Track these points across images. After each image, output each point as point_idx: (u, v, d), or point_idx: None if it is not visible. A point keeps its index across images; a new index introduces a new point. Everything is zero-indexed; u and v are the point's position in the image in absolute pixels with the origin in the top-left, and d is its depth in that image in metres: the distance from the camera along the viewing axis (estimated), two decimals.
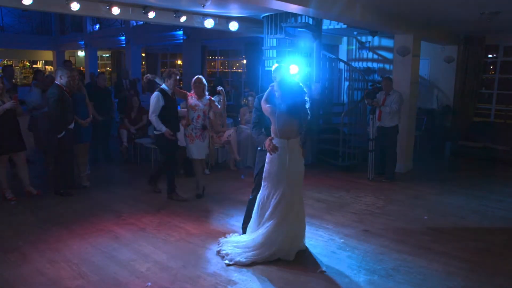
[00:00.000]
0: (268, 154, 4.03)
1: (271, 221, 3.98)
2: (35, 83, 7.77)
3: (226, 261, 3.93)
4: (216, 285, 3.58)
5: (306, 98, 4.02)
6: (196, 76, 5.86)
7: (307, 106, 4.03)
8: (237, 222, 4.97)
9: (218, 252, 4.10)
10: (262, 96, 4.17)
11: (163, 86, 5.65)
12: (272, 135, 4.01)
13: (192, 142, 5.84)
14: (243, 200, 5.75)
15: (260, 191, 4.14)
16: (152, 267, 3.86)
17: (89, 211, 5.32)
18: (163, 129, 5.55)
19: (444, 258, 4.16)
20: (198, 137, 5.82)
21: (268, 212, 4.02)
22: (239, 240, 4.20)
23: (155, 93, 5.54)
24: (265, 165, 4.07)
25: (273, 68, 4.31)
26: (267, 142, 3.98)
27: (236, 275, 3.75)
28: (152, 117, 5.53)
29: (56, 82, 5.71)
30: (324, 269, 3.87)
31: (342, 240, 4.56)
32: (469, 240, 4.65)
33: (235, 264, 3.89)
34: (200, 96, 5.79)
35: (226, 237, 4.40)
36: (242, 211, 5.31)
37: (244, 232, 4.47)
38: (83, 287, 3.52)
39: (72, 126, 5.85)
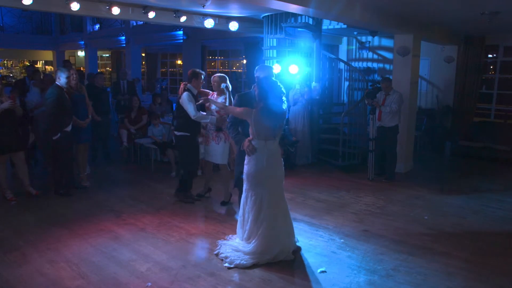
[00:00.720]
0: (246, 157, 3.99)
1: (263, 227, 3.92)
2: (34, 82, 7.78)
3: (226, 264, 3.87)
4: (216, 285, 3.58)
5: (283, 99, 3.97)
6: (214, 75, 5.68)
7: (285, 107, 3.98)
8: (237, 222, 4.96)
9: (217, 255, 4.05)
10: (243, 94, 4.16)
11: (189, 86, 5.44)
12: (251, 136, 3.96)
13: (208, 143, 5.67)
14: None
15: (243, 195, 4.10)
16: (152, 267, 3.86)
17: (89, 211, 5.32)
18: (213, 119, 5.40)
19: (444, 258, 4.15)
20: (214, 139, 5.63)
21: (251, 218, 3.96)
22: (237, 247, 4.08)
23: (185, 94, 5.30)
24: (245, 166, 4.02)
25: (256, 68, 4.25)
26: (245, 143, 3.94)
27: (236, 275, 3.75)
28: (198, 114, 5.29)
29: (56, 82, 5.68)
30: (324, 269, 3.87)
31: (342, 240, 4.55)
32: (469, 240, 4.65)
33: (236, 267, 3.84)
34: (219, 95, 5.60)
35: (226, 239, 4.34)
36: None
37: None
38: (83, 287, 3.52)
39: (69, 128, 5.76)
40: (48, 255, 4.06)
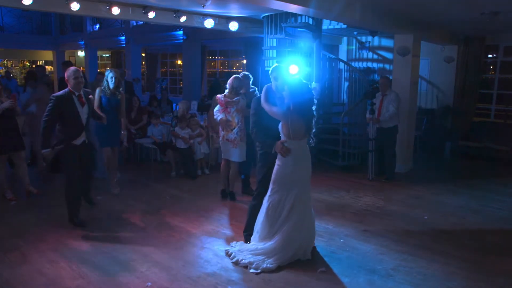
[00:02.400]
0: (278, 157, 3.95)
1: (288, 224, 3.90)
2: (32, 83, 7.80)
3: (252, 270, 3.78)
4: (216, 285, 3.58)
5: (314, 98, 3.97)
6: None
7: (314, 106, 3.99)
8: (237, 222, 4.97)
9: (236, 263, 3.91)
10: (259, 98, 4.10)
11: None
12: (284, 137, 3.92)
13: (236, 146, 5.57)
14: (243, 200, 5.76)
15: (268, 196, 4.01)
16: (152, 267, 3.86)
17: (89, 211, 5.31)
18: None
19: (444, 258, 4.15)
20: (242, 139, 5.58)
21: (282, 216, 3.93)
22: (256, 248, 4.01)
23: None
24: (276, 168, 3.97)
25: (271, 68, 4.18)
26: (278, 145, 3.90)
27: (236, 275, 3.75)
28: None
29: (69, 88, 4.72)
30: (324, 269, 3.87)
31: (342, 240, 4.55)
32: (469, 240, 4.65)
33: (263, 271, 3.76)
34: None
35: (233, 246, 4.23)
36: (243, 211, 5.31)
37: (246, 240, 4.30)
38: (83, 287, 3.52)
39: (79, 141, 4.75)
40: (48, 255, 4.06)
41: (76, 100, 4.72)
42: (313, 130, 4.03)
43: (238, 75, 5.65)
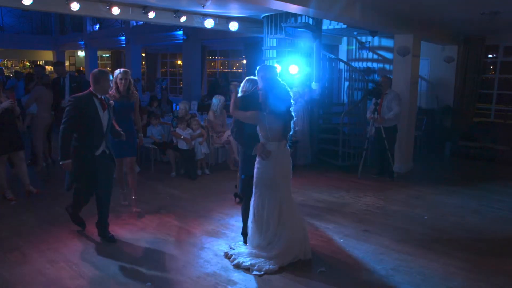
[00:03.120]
0: (258, 160, 3.90)
1: (285, 231, 3.88)
2: (31, 84, 7.83)
3: (255, 272, 3.74)
4: (216, 285, 3.58)
5: (291, 100, 3.93)
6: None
7: (292, 108, 3.96)
8: (237, 222, 4.96)
9: (238, 266, 3.86)
10: (247, 96, 4.02)
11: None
12: (262, 139, 3.88)
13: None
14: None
15: (253, 201, 3.97)
16: (152, 267, 3.86)
17: (89, 211, 5.28)
18: None
19: (444, 258, 4.15)
20: None
21: (271, 224, 3.89)
22: (254, 249, 3.99)
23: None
24: (256, 171, 3.92)
25: (257, 68, 4.11)
26: (259, 147, 3.86)
27: (236, 275, 3.75)
28: None
29: (91, 89, 4.20)
30: (323, 269, 3.87)
31: (342, 240, 4.55)
32: (469, 240, 4.65)
33: (266, 272, 3.74)
34: None
35: (232, 248, 4.20)
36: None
37: (244, 241, 4.29)
38: (83, 287, 3.52)
39: (99, 151, 4.24)
40: (48, 255, 4.06)
41: (98, 104, 4.15)
42: (291, 132, 3.99)
43: (251, 77, 5.50)
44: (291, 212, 3.98)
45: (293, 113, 3.96)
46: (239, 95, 5.22)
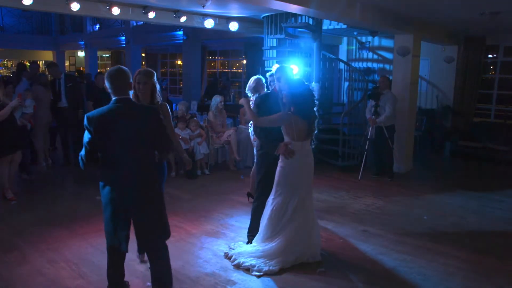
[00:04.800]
0: (281, 158, 3.91)
1: (290, 226, 3.87)
2: (26, 73, 7.96)
3: (255, 273, 3.74)
4: (216, 285, 3.58)
5: (315, 99, 3.95)
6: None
7: (316, 107, 3.97)
8: (237, 222, 4.97)
9: (238, 266, 3.86)
10: (262, 96, 4.05)
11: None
12: (287, 139, 3.88)
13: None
14: (243, 200, 5.76)
15: (272, 199, 3.97)
16: None
17: (89, 211, 5.31)
18: None
19: (444, 258, 4.15)
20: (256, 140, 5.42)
21: (285, 218, 3.89)
22: (257, 250, 3.97)
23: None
24: (280, 169, 3.92)
25: (275, 69, 4.13)
26: (282, 147, 3.85)
27: (235, 275, 3.75)
28: None
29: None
30: (323, 269, 3.87)
31: (341, 240, 4.55)
32: (469, 240, 4.65)
33: (266, 273, 3.73)
34: None
35: (232, 248, 4.19)
36: (242, 211, 5.32)
37: (248, 241, 4.28)
38: (83, 287, 3.52)
39: None
40: (48, 255, 4.06)
41: None
42: (315, 132, 4.01)
43: (258, 76, 5.42)
44: (305, 213, 3.95)
45: (316, 113, 3.98)
46: (249, 95, 5.14)
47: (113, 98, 2.86)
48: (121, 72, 2.91)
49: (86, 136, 2.81)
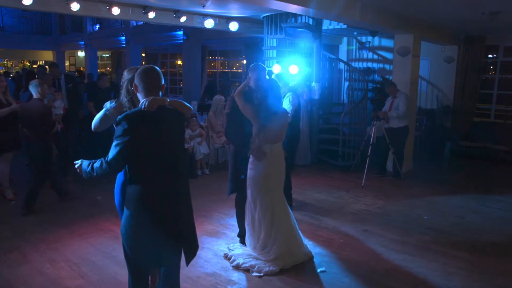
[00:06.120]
0: (251, 161, 3.87)
1: (279, 233, 3.87)
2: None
3: (255, 274, 3.73)
4: (216, 285, 3.58)
5: (287, 113, 3.91)
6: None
7: (288, 108, 3.93)
8: (236, 222, 4.97)
9: (238, 267, 3.85)
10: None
11: None
12: (258, 141, 3.83)
13: None
14: None
15: (248, 204, 3.96)
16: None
17: (89, 211, 5.32)
18: None
19: (444, 258, 4.16)
20: None
21: (264, 225, 3.86)
22: (253, 252, 3.98)
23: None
24: (250, 172, 3.89)
25: (250, 66, 4.03)
26: (255, 148, 3.81)
27: (236, 275, 3.75)
28: None
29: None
30: (324, 269, 3.87)
31: (342, 240, 4.55)
32: (469, 240, 4.65)
33: (266, 274, 3.73)
34: None
35: (231, 249, 4.19)
36: None
37: (241, 241, 4.28)
38: (83, 287, 3.52)
39: None
40: (48, 255, 4.06)
41: None
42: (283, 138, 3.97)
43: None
44: (285, 215, 3.95)
45: (288, 115, 3.95)
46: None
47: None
48: (154, 70, 2.55)
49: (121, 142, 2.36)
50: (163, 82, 2.62)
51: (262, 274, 3.73)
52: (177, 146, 2.58)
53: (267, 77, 4.03)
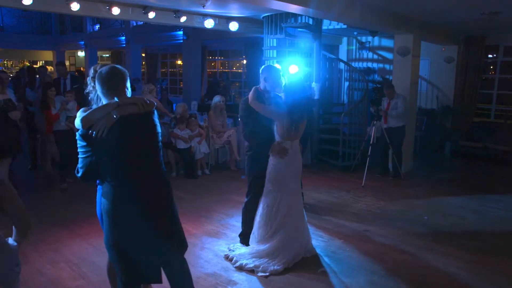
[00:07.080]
0: (272, 158, 3.92)
1: (288, 224, 3.91)
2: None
3: (261, 274, 3.72)
4: (216, 285, 3.58)
5: (311, 99, 3.98)
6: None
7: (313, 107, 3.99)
8: (237, 222, 4.95)
9: (241, 268, 3.84)
10: (247, 99, 3.96)
11: None
12: (278, 138, 3.90)
13: None
14: (243, 200, 5.74)
15: (263, 197, 3.98)
16: None
17: (89, 211, 5.28)
18: None
19: (444, 258, 4.16)
20: None
21: (280, 215, 3.91)
22: (258, 250, 3.95)
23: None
24: (271, 167, 3.94)
25: (261, 68, 4.08)
26: (276, 146, 3.88)
27: (236, 275, 3.75)
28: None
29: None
30: (324, 269, 3.87)
31: (342, 240, 4.55)
32: (469, 240, 4.65)
33: (271, 273, 3.73)
34: None
35: (232, 250, 4.18)
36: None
37: (242, 241, 4.27)
38: (83, 287, 3.52)
39: None
40: (48, 255, 4.06)
41: None
42: (309, 132, 4.05)
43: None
44: (298, 210, 4.03)
45: (307, 114, 4.01)
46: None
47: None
48: (114, 72, 2.45)
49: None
50: (127, 79, 2.50)
51: (267, 274, 3.73)
52: (148, 144, 2.48)
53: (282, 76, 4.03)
